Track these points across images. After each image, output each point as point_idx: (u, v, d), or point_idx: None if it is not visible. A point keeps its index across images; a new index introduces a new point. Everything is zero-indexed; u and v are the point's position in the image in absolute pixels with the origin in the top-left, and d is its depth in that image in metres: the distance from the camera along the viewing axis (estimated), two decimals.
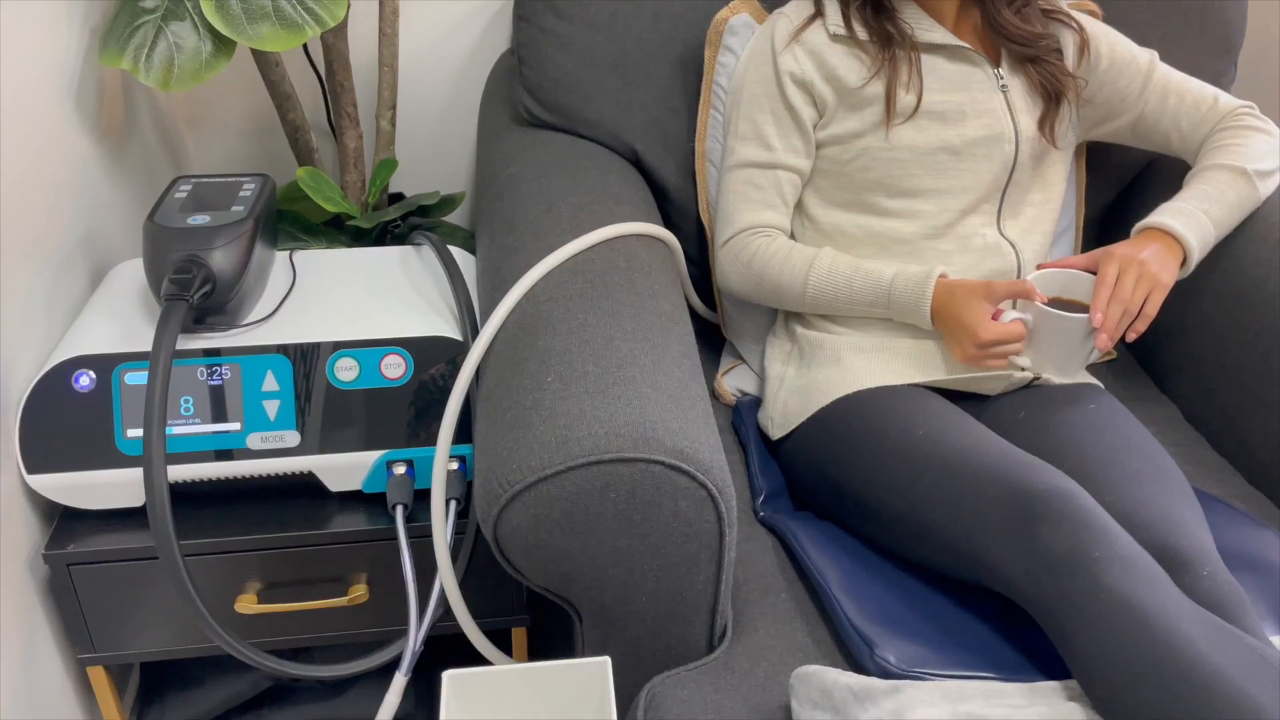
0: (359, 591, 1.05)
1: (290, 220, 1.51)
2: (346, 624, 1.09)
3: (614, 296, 0.99)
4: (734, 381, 1.31)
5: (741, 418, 1.25)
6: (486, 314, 1.04)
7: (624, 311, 0.97)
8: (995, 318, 1.09)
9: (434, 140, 1.70)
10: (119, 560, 1.02)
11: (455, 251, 1.23)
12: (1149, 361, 1.37)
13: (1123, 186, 1.40)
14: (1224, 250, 1.19)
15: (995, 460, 0.92)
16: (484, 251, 1.15)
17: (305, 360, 1.03)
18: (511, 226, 1.13)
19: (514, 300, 1.00)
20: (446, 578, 0.95)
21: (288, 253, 1.20)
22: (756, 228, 1.20)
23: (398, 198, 1.69)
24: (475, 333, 1.05)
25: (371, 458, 1.04)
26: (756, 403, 1.27)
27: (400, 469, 1.04)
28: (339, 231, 1.53)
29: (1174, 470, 0.98)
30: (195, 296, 0.97)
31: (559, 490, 0.84)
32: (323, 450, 1.03)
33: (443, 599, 0.97)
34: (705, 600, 0.92)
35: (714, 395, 1.31)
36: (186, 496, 1.07)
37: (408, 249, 1.24)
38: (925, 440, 0.97)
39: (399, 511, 1.00)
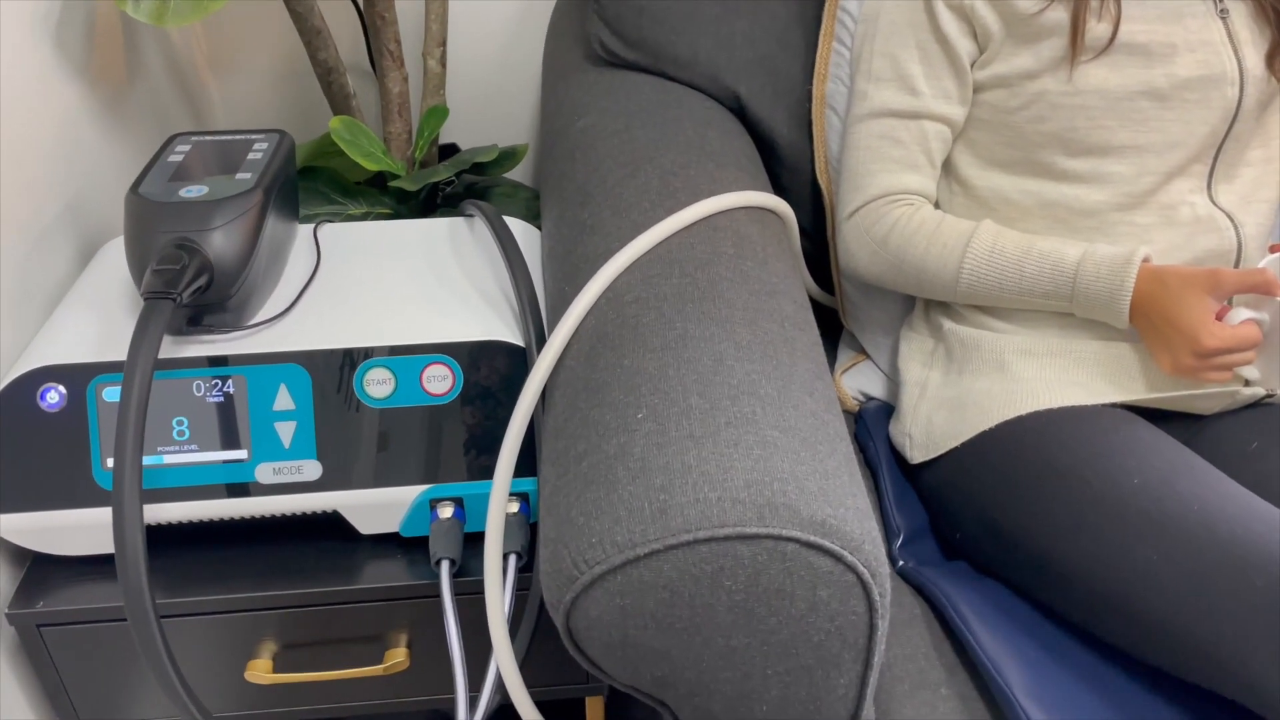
0: (398, 657, 0.84)
1: (324, 179, 1.29)
2: (383, 694, 0.88)
3: (723, 297, 0.75)
4: (855, 382, 1.07)
5: (868, 430, 1.00)
6: (556, 311, 0.81)
7: (737, 318, 0.73)
8: (1220, 317, 0.83)
9: (492, 83, 1.46)
10: (100, 621, 0.82)
11: (514, 224, 1.00)
12: None
13: None
14: None
15: (1256, 530, 0.67)
16: (551, 228, 0.92)
17: (328, 371, 0.81)
18: (586, 197, 0.89)
19: (590, 299, 0.76)
20: (504, 660, 0.73)
21: (313, 226, 0.98)
22: (895, 194, 0.95)
23: (451, 150, 1.46)
24: (541, 338, 0.82)
25: (411, 495, 0.82)
26: (886, 410, 1.02)
27: (446, 510, 0.82)
28: (381, 193, 1.31)
29: None
30: (185, 293, 0.75)
31: (654, 575, 0.61)
32: (350, 485, 0.81)
33: (499, 684, 0.76)
34: (845, 708, 0.69)
35: None
36: (182, 540, 0.86)
37: (458, 221, 1.01)
38: (1143, 493, 0.72)
39: (444, 569, 0.78)
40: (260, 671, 0.83)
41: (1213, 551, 0.66)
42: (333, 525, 0.84)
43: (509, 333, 0.83)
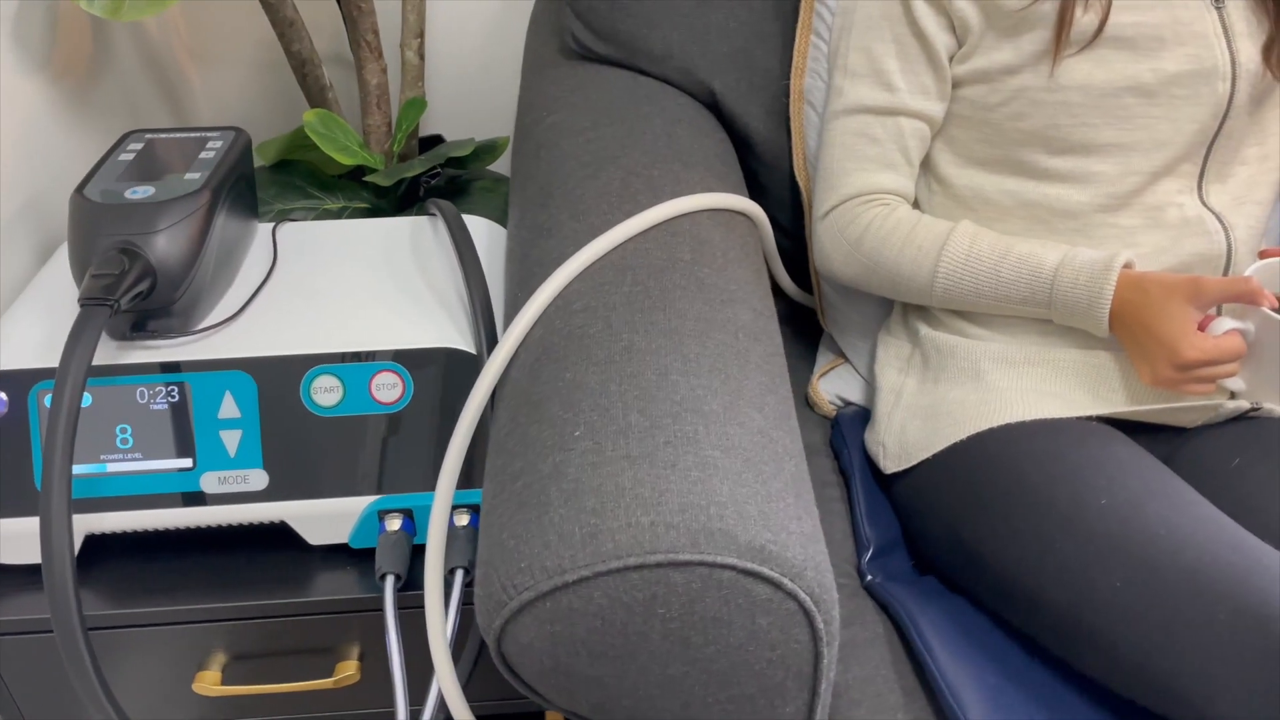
0: (348, 670, 0.83)
1: (301, 173, 1.27)
2: (333, 707, 0.86)
3: (674, 306, 0.72)
4: (833, 386, 1.03)
5: (843, 437, 0.97)
6: (510, 318, 0.79)
7: (687, 330, 0.70)
8: (1203, 326, 0.79)
9: (479, 75, 1.43)
10: (47, 631, 0.80)
11: (479, 224, 0.97)
12: None
13: None
14: None
15: (1225, 559, 0.63)
16: (513, 229, 0.89)
17: (274, 379, 0.79)
18: (547, 198, 0.87)
19: (539, 307, 0.74)
20: (445, 679, 0.71)
21: (272, 226, 0.95)
22: (870, 194, 0.92)
23: (436, 142, 1.43)
24: (494, 345, 0.79)
25: (359, 505, 0.80)
26: (863, 416, 0.99)
27: (394, 522, 0.79)
28: (360, 186, 1.29)
29: None
30: (124, 299, 0.74)
31: (584, 602, 0.58)
32: (297, 495, 0.79)
33: (441, 703, 0.73)
34: None
35: (808, 404, 1.04)
36: (131, 550, 0.85)
37: (422, 220, 0.98)
38: (1110, 516, 0.69)
39: (389, 585, 0.76)
40: (209, 683, 0.82)
41: (1177, 581, 0.63)
42: (282, 535, 0.82)
43: (462, 340, 0.81)
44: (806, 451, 0.98)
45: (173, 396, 0.78)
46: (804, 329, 1.12)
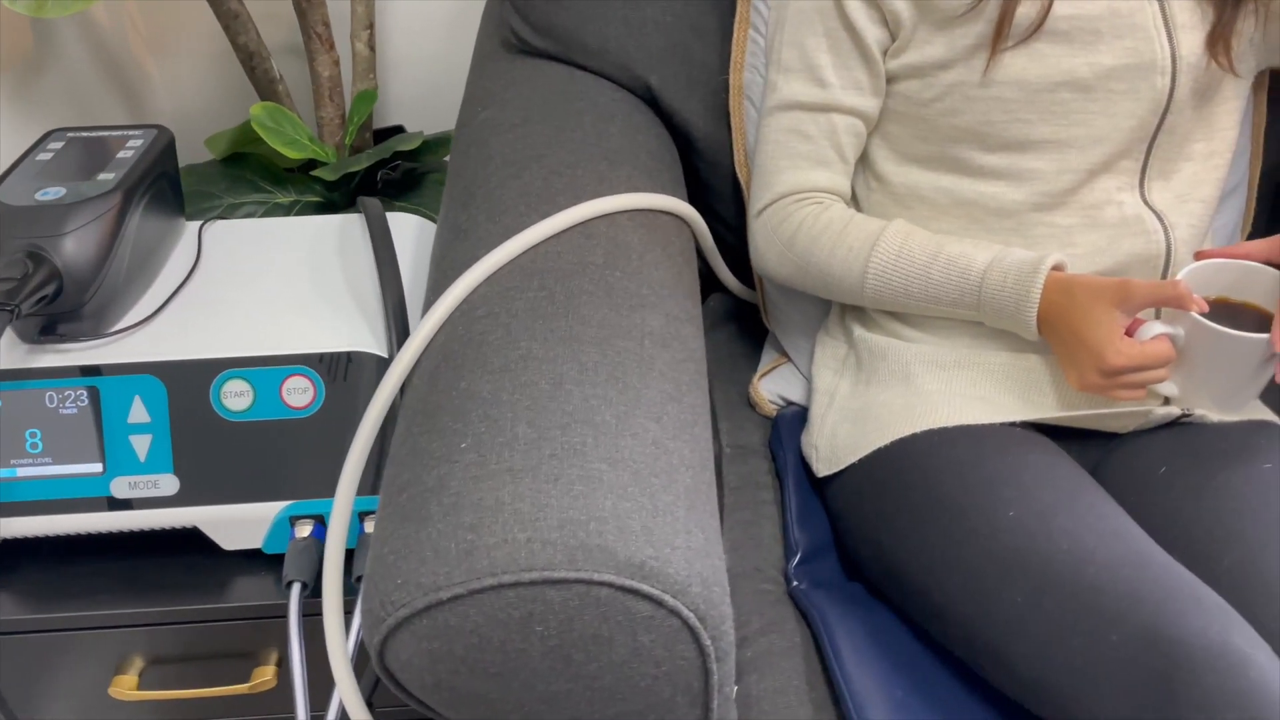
0: (265, 675, 0.82)
1: (252, 166, 1.26)
2: (250, 712, 0.86)
3: (578, 313, 0.70)
4: (776, 386, 1.02)
5: (780, 439, 0.96)
6: None
7: (588, 336, 0.69)
8: (1131, 331, 0.77)
9: (438, 66, 1.41)
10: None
11: (409, 222, 0.96)
12: None
13: None
14: None
15: (1124, 578, 0.61)
16: (438, 230, 0.88)
17: (184, 383, 0.78)
18: (469, 197, 0.85)
19: (443, 313, 0.72)
20: (347, 692, 0.70)
21: (199, 224, 0.94)
22: (802, 192, 0.90)
23: (396, 134, 1.42)
24: None
25: (271, 511, 0.79)
26: (803, 417, 0.98)
27: (305, 529, 0.79)
28: (313, 180, 1.27)
29: None
30: (26, 304, 0.73)
31: (460, 620, 0.57)
32: (208, 500, 0.79)
33: (344, 714, 0.73)
34: None
35: (750, 404, 1.02)
36: (47, 554, 0.84)
37: (354, 218, 0.97)
38: (1019, 529, 0.67)
39: (295, 593, 0.75)
40: (125, 688, 0.81)
41: (1074, 600, 0.61)
42: (198, 540, 0.82)
43: (376, 343, 0.80)
44: (744, 453, 0.97)
45: (82, 401, 0.78)
46: (751, 327, 1.10)
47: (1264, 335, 0.73)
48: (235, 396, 0.78)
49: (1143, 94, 0.82)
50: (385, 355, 0.79)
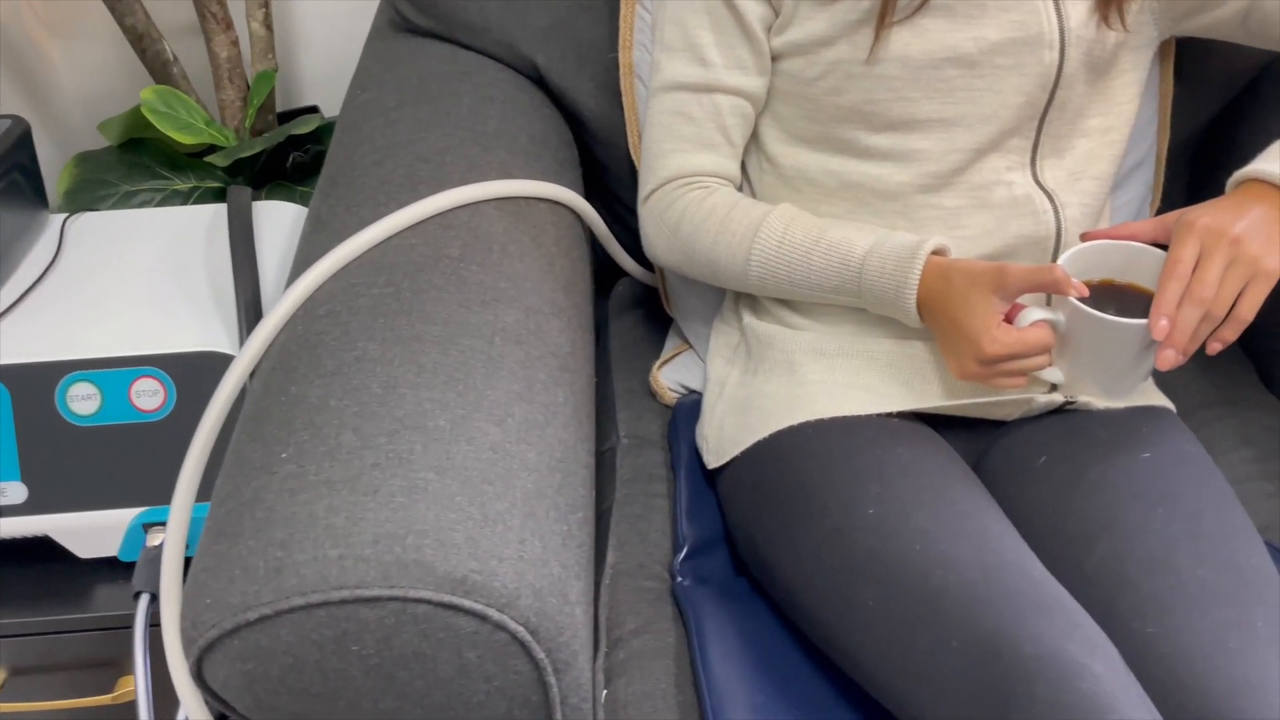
0: (129, 685, 0.80)
1: (150, 152, 1.22)
2: None
3: (422, 310, 0.67)
4: (677, 374, 0.99)
5: (677, 430, 0.93)
6: None
7: (431, 335, 0.66)
8: (1010, 317, 0.74)
9: (350, 44, 1.37)
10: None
11: (289, 212, 0.92)
12: (1254, 342, 1.00)
13: (1227, 102, 1.00)
14: None
15: (970, 581, 0.59)
16: (304, 223, 0.84)
17: (27, 386, 0.75)
18: (332, 186, 0.82)
19: (285, 312, 0.69)
20: (191, 706, 0.67)
21: (64, 218, 0.91)
22: (687, 177, 0.86)
23: (307, 113, 1.38)
24: None
25: (124, 518, 0.76)
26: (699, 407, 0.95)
27: (157, 537, 0.76)
28: (213, 165, 1.23)
29: (1270, 572, 0.64)
30: None
31: (272, 640, 0.55)
32: (59, 508, 0.76)
33: None
34: None
35: (651, 393, 0.99)
36: None
37: (225, 210, 0.93)
38: (877, 528, 0.65)
39: (141, 605, 0.73)
40: None
41: (921, 604, 0.59)
42: (54, 549, 0.79)
43: (229, 343, 0.76)
44: (641, 444, 0.94)
45: None
46: (659, 312, 1.07)
47: (1142, 321, 0.70)
48: (82, 400, 0.75)
49: (1029, 69, 0.79)
50: (235, 355, 0.76)
